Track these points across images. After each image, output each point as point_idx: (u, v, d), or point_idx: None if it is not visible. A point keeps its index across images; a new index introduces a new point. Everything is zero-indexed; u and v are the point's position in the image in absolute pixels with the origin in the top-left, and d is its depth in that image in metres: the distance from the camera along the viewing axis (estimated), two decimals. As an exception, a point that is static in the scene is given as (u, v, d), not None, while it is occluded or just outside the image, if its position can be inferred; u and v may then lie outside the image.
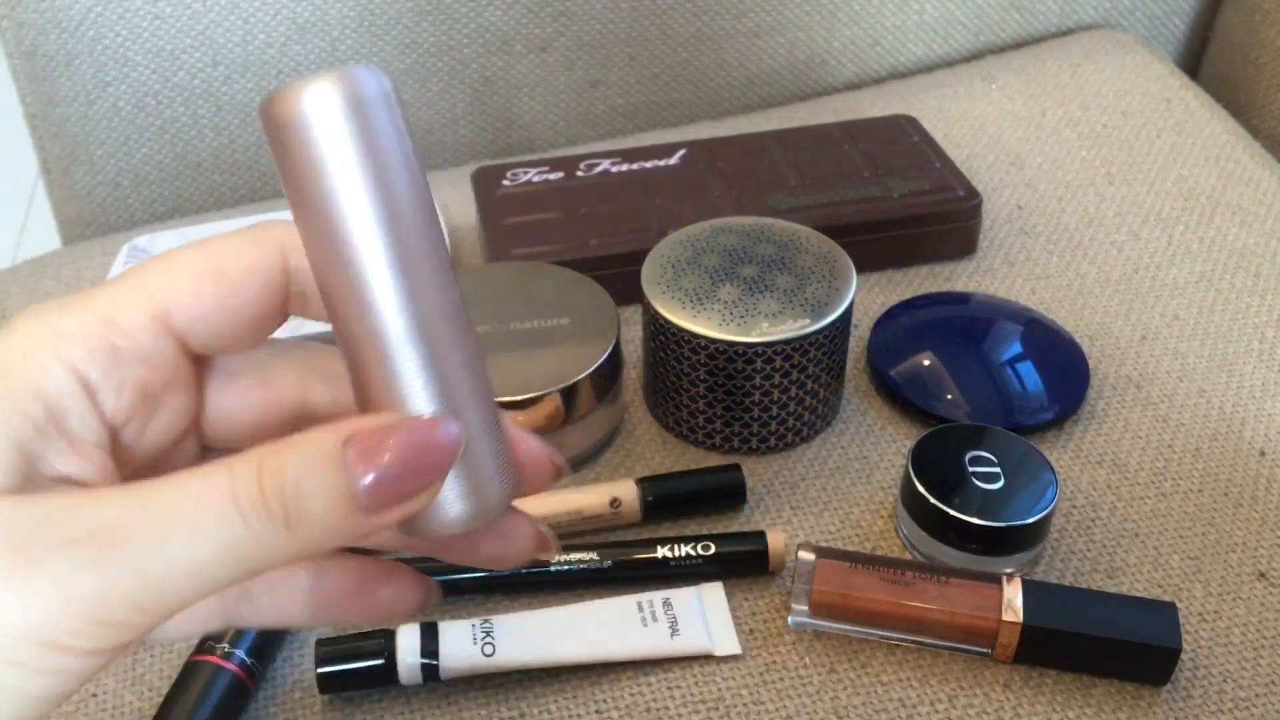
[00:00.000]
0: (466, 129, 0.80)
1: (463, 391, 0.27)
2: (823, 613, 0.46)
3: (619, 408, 0.55)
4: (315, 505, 0.24)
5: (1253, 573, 0.49)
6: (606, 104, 0.81)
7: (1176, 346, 0.59)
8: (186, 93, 0.73)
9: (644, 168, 0.67)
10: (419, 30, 0.75)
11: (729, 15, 0.79)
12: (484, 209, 0.65)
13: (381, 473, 0.24)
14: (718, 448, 0.54)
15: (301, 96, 0.25)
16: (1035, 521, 0.47)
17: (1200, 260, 0.64)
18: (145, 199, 0.76)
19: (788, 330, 0.50)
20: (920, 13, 0.81)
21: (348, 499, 0.24)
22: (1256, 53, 0.81)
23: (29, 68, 0.71)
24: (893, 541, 0.51)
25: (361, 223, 0.25)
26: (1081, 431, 0.55)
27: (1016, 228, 0.67)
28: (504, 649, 0.45)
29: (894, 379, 0.56)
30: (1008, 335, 0.58)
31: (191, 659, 0.44)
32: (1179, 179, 0.70)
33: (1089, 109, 0.76)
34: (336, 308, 0.26)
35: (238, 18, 0.72)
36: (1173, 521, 0.51)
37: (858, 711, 0.44)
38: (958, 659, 0.46)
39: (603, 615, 0.47)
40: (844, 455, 0.54)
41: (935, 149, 0.68)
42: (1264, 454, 0.54)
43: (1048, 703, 0.45)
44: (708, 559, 0.48)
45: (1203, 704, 0.45)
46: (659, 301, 0.52)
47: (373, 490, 0.24)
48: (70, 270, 0.67)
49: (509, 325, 0.54)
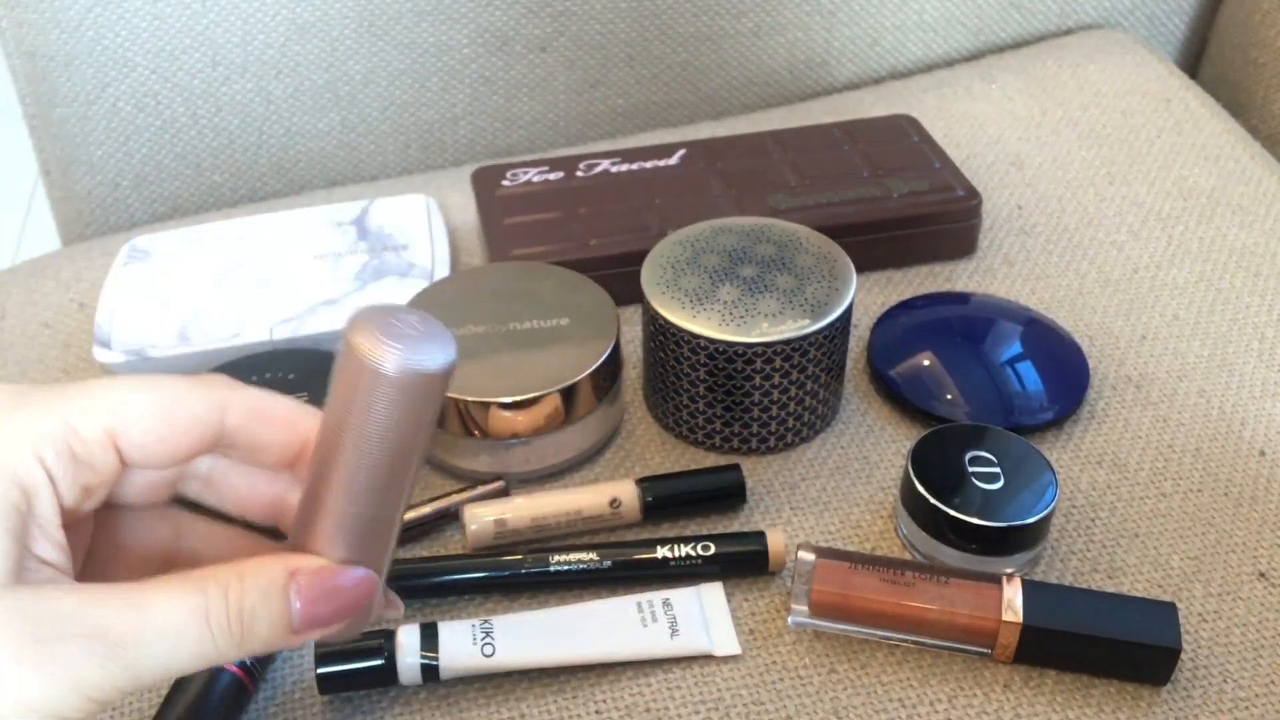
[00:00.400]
0: (466, 129, 0.80)
1: (383, 555, 0.34)
2: (823, 613, 0.46)
3: (619, 408, 0.55)
4: (262, 627, 0.32)
5: (1253, 573, 0.49)
6: (606, 104, 0.81)
7: (1176, 346, 0.59)
8: (186, 93, 0.73)
9: (644, 168, 0.67)
10: (419, 30, 0.75)
11: (729, 15, 0.79)
12: (484, 209, 0.65)
13: (314, 609, 0.32)
14: (717, 448, 0.54)
15: (381, 355, 0.31)
16: (1035, 521, 0.47)
17: (1200, 260, 0.64)
18: (145, 199, 0.76)
19: (788, 330, 0.50)
20: (920, 13, 0.81)
21: (286, 624, 0.32)
22: (1256, 53, 0.81)
23: (29, 68, 0.71)
24: (892, 541, 0.51)
25: (370, 447, 0.32)
26: (1081, 431, 0.55)
27: (1016, 228, 0.67)
28: (504, 649, 0.45)
29: (894, 379, 0.56)
30: (1008, 335, 0.58)
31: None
32: (1179, 179, 0.70)
33: (1089, 109, 0.76)
34: (323, 467, 0.33)
35: (237, 18, 0.72)
36: (1173, 521, 0.51)
37: (858, 711, 0.44)
38: (957, 659, 0.46)
39: (603, 616, 0.47)
40: (844, 455, 0.54)
41: (935, 149, 0.68)
42: (1264, 454, 0.54)
43: (1048, 703, 0.45)
44: (708, 559, 0.48)
45: (1203, 704, 0.45)
46: (659, 301, 0.52)
47: (304, 621, 0.32)
48: (70, 270, 0.67)
49: (509, 325, 0.54)
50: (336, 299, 0.61)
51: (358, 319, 0.32)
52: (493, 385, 0.51)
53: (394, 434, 0.32)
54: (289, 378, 0.55)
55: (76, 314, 0.64)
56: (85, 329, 0.63)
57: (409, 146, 0.79)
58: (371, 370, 0.31)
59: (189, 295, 0.61)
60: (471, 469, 0.53)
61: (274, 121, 0.76)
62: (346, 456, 0.32)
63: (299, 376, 0.55)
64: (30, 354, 0.62)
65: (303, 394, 0.54)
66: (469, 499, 0.51)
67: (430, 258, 0.63)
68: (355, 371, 0.31)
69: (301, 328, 0.59)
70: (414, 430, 0.32)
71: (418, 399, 0.32)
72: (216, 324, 0.59)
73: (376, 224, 0.66)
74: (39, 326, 0.64)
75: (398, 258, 0.63)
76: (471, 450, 0.52)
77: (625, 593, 0.48)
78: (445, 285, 0.57)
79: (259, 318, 0.59)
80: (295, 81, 0.75)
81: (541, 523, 0.50)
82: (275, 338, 0.59)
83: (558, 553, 0.48)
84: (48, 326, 0.64)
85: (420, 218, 0.66)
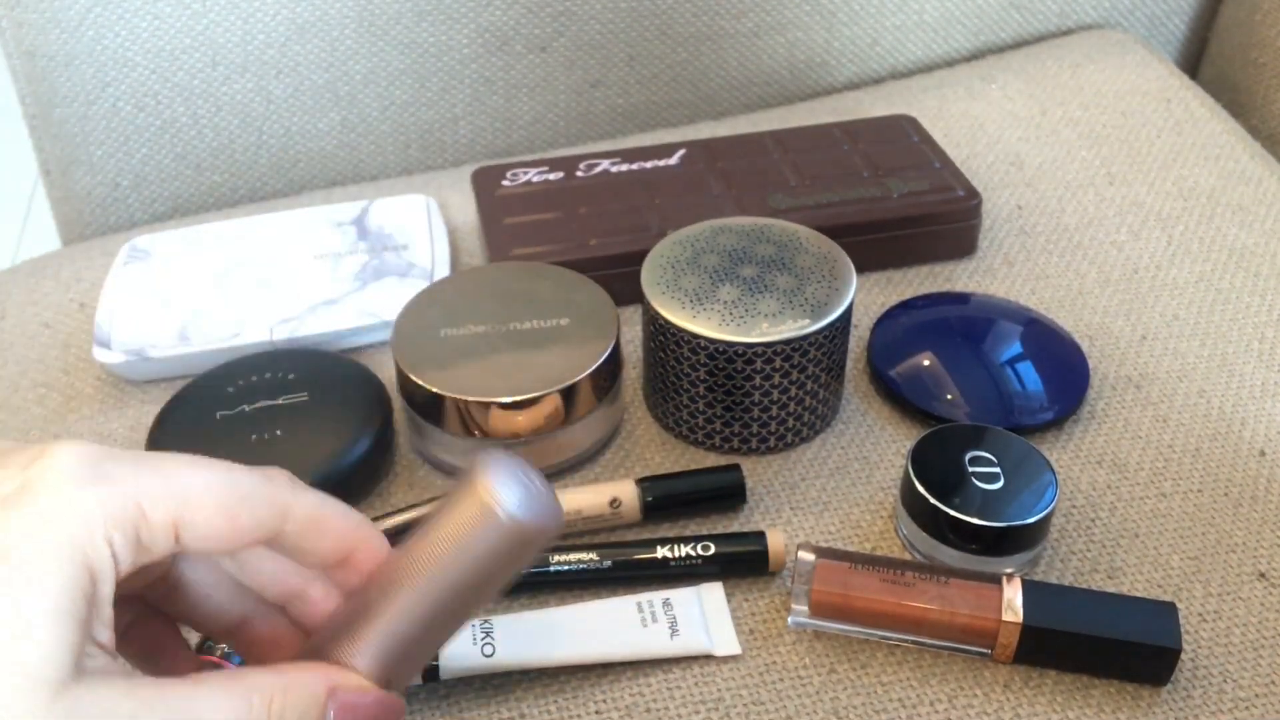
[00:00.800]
0: (466, 129, 0.80)
1: (414, 676, 0.38)
2: (822, 613, 0.46)
3: (619, 408, 0.55)
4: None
5: (1253, 573, 0.49)
6: (606, 104, 0.81)
7: (1176, 346, 0.59)
8: (186, 93, 0.73)
9: (644, 168, 0.67)
10: (419, 30, 0.75)
11: (729, 15, 0.79)
12: (484, 209, 0.65)
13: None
14: (717, 448, 0.54)
15: (502, 501, 0.33)
16: (1035, 521, 0.47)
17: (1200, 260, 0.64)
18: (145, 199, 0.76)
19: (788, 330, 0.50)
20: (920, 13, 0.81)
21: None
22: (1256, 53, 0.81)
23: (29, 68, 0.71)
24: (892, 541, 0.51)
25: (453, 581, 0.33)
26: (1081, 431, 0.55)
27: (1016, 228, 0.67)
28: (504, 649, 0.45)
29: (894, 379, 0.56)
30: (1008, 335, 0.58)
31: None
32: (1179, 179, 0.70)
33: (1089, 109, 0.76)
34: (392, 585, 0.34)
35: (237, 18, 0.72)
36: (1173, 521, 0.51)
37: (858, 711, 0.44)
38: (957, 659, 0.46)
39: (603, 616, 0.47)
40: (844, 455, 0.54)
41: (935, 149, 0.68)
42: (1264, 454, 0.54)
43: (1048, 703, 0.45)
44: (708, 559, 0.48)
45: (1203, 704, 0.45)
46: (659, 302, 0.52)
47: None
48: (70, 270, 0.67)
49: (509, 325, 0.54)
50: (336, 299, 0.61)
51: (487, 462, 0.33)
52: (493, 385, 0.51)
53: (482, 576, 0.33)
54: (289, 378, 0.55)
55: (76, 314, 0.64)
56: (85, 329, 0.63)
57: (409, 146, 0.79)
58: (489, 512, 0.33)
59: (189, 295, 0.61)
60: (471, 469, 0.53)
61: (274, 121, 0.76)
62: (425, 583, 0.33)
63: (299, 376, 0.55)
64: (30, 354, 0.62)
65: (301, 394, 0.54)
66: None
67: (430, 258, 0.63)
68: (471, 509, 0.33)
69: (301, 328, 0.59)
70: (499, 577, 0.34)
71: (518, 551, 0.33)
72: (216, 324, 0.59)
73: (376, 224, 0.66)
74: (39, 326, 0.64)
75: (398, 258, 0.63)
76: (472, 450, 0.52)
77: (625, 593, 0.48)
78: (445, 285, 0.57)
79: (259, 318, 0.59)
80: (295, 81, 0.75)
81: (541, 523, 0.50)
82: (275, 338, 0.59)
83: (557, 553, 0.48)
84: (48, 326, 0.64)
85: (420, 218, 0.66)
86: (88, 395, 0.59)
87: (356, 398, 0.54)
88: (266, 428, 0.52)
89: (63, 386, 0.60)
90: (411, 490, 0.53)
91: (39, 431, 0.58)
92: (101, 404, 0.58)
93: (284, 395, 0.54)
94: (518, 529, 0.33)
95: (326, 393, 0.54)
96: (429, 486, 0.53)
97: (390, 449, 0.55)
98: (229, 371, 0.56)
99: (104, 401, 0.59)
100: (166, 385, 0.59)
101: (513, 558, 0.33)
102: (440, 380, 0.51)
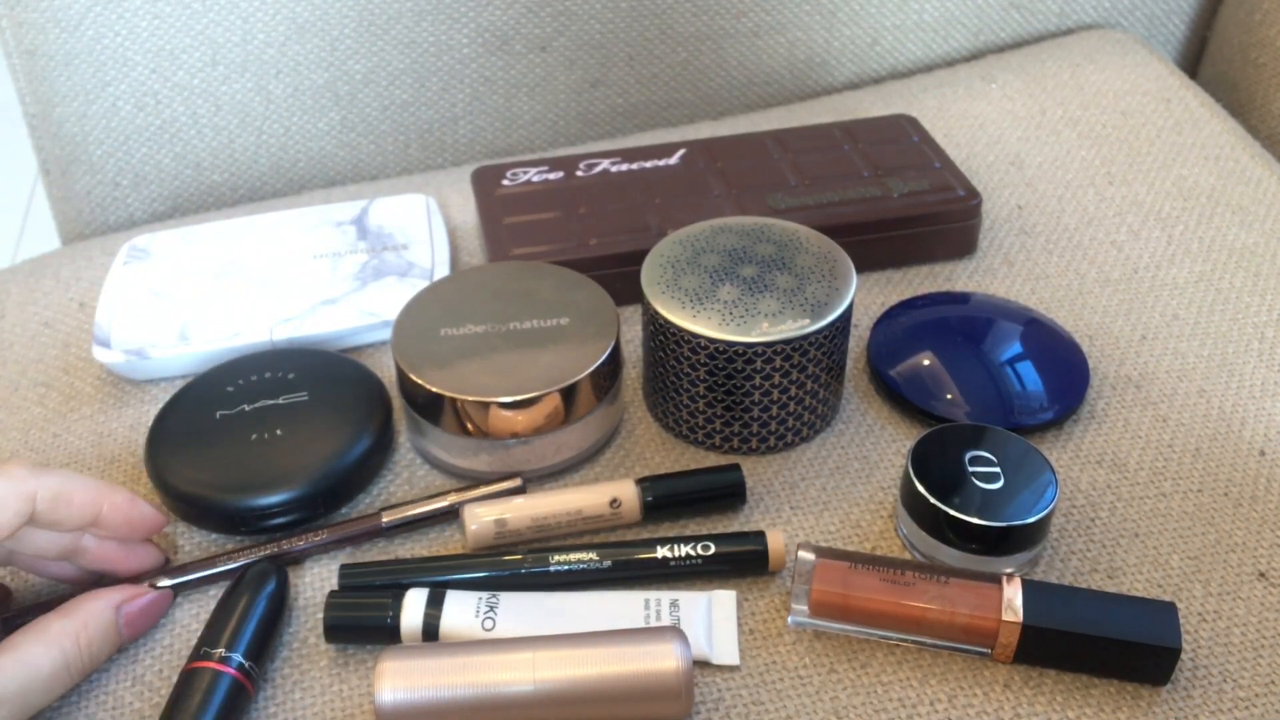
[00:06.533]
0: (466, 128, 0.80)
1: None
2: (822, 613, 0.46)
3: (619, 408, 0.55)
4: (102, 653, 0.45)
5: (1253, 573, 0.49)
6: (606, 104, 0.81)
7: (1176, 346, 0.59)
8: (185, 92, 0.73)
9: (644, 168, 0.67)
10: (418, 30, 0.75)
11: (729, 15, 0.79)
12: (484, 209, 0.65)
13: (134, 630, 0.46)
14: (717, 448, 0.54)
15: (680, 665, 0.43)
16: (1035, 521, 0.47)
17: (1200, 260, 0.64)
18: (144, 199, 0.76)
19: (788, 330, 0.50)
20: (920, 13, 0.81)
21: (116, 641, 0.45)
22: (1256, 53, 0.81)
23: (29, 67, 0.71)
24: (892, 541, 0.51)
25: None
26: (1081, 431, 0.55)
27: (1016, 228, 0.67)
28: (504, 625, 0.45)
29: (894, 379, 0.56)
30: (1008, 335, 0.58)
31: (188, 667, 0.44)
32: (1179, 179, 0.70)
33: (1089, 109, 0.76)
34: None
35: (237, 17, 0.72)
36: (1173, 521, 0.51)
37: (858, 711, 0.44)
38: (957, 659, 0.46)
39: (608, 607, 0.47)
40: (844, 455, 0.54)
41: (935, 149, 0.68)
42: (1264, 454, 0.54)
43: (1047, 703, 0.45)
44: (708, 559, 0.48)
45: (1203, 704, 0.45)
46: (659, 301, 0.52)
47: (129, 638, 0.46)
48: (69, 270, 0.67)
49: (509, 325, 0.54)
50: (336, 299, 0.61)
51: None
52: (493, 385, 0.51)
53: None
54: (289, 377, 0.55)
55: (76, 313, 0.64)
56: (85, 328, 0.63)
57: (409, 146, 0.79)
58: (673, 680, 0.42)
59: (189, 295, 0.61)
60: (471, 469, 0.53)
61: (273, 121, 0.76)
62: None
63: (299, 376, 0.55)
64: (30, 354, 0.62)
65: (301, 393, 0.54)
66: (487, 495, 0.51)
67: (430, 257, 0.63)
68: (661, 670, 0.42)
69: (301, 327, 0.59)
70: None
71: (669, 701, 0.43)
72: (216, 324, 0.59)
73: (376, 224, 0.66)
74: (39, 326, 0.64)
75: (397, 257, 0.63)
76: (471, 450, 0.52)
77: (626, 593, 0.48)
78: (445, 285, 0.57)
79: (259, 317, 0.59)
80: (295, 81, 0.75)
81: (542, 522, 0.50)
82: (275, 338, 0.59)
83: (558, 553, 0.49)
84: (48, 326, 0.64)
85: (420, 217, 0.66)
86: (87, 395, 0.59)
87: (356, 397, 0.54)
88: (266, 427, 0.52)
89: (63, 386, 0.60)
90: (411, 489, 0.53)
91: (39, 431, 0.58)
92: (101, 404, 0.58)
93: (284, 395, 0.54)
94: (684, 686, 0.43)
95: (326, 392, 0.54)
96: (428, 486, 0.53)
97: (390, 448, 0.55)
98: (229, 371, 0.56)
99: (104, 401, 0.59)
100: (166, 385, 0.59)
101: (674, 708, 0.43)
102: (440, 380, 0.51)
